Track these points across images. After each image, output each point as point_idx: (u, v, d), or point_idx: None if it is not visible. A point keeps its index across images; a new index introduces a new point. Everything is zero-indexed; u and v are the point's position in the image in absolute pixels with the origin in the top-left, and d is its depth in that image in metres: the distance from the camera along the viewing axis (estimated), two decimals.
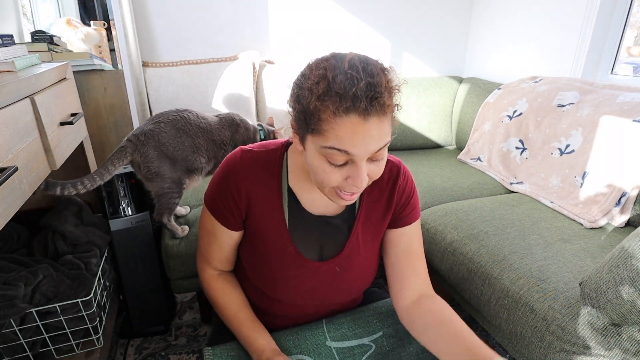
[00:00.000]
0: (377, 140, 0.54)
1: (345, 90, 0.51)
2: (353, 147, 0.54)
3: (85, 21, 1.90)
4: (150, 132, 1.06)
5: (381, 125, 0.54)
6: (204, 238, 0.77)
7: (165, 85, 1.68)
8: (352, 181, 0.57)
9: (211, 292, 0.78)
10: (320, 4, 1.92)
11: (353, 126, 0.52)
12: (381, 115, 0.53)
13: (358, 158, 0.55)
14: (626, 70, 1.65)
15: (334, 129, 0.53)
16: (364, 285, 0.79)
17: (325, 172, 0.58)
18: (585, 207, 1.24)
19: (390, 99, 0.54)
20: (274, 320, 0.79)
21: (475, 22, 2.15)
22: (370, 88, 0.51)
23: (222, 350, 0.76)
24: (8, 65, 0.91)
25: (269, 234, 0.71)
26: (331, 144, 0.54)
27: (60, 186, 0.97)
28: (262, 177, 0.70)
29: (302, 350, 0.75)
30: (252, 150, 0.71)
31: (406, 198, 0.74)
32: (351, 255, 0.74)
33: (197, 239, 0.82)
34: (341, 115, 0.52)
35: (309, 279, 0.73)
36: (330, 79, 0.52)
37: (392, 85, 0.55)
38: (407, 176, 0.75)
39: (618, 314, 0.73)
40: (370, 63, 0.55)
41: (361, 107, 0.51)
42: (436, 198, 1.44)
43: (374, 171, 0.59)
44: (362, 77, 0.52)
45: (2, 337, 0.88)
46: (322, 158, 0.57)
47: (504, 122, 1.65)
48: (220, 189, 0.70)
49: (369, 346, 0.77)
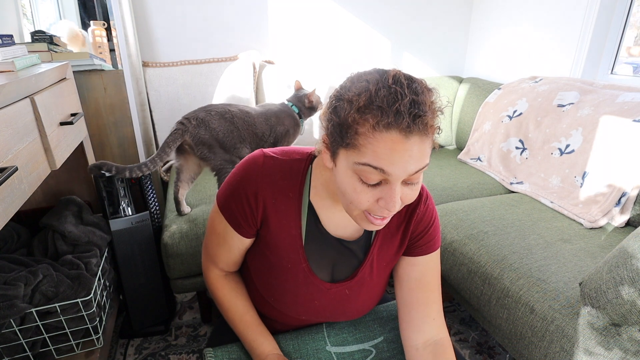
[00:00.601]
0: (417, 161, 0.50)
1: (388, 104, 0.48)
2: (391, 165, 0.50)
3: (85, 21, 1.90)
4: (201, 118, 1.16)
5: (422, 147, 0.50)
6: (213, 239, 0.73)
7: (165, 85, 1.68)
8: (385, 204, 0.53)
9: (217, 293, 0.76)
10: (321, 4, 1.91)
11: (393, 143, 0.49)
12: (423, 135, 0.50)
13: (394, 178, 0.51)
14: (626, 70, 1.65)
15: (372, 144, 0.49)
16: (370, 307, 0.78)
17: (356, 191, 0.54)
18: (585, 207, 1.24)
19: (433, 119, 0.51)
20: (273, 324, 0.79)
21: (475, 22, 2.15)
22: (414, 105, 0.49)
23: (223, 352, 0.75)
24: (8, 65, 0.91)
25: (283, 247, 0.68)
26: (367, 160, 0.50)
27: (128, 170, 1.09)
28: (283, 187, 0.65)
29: (302, 354, 0.75)
30: (274, 157, 0.66)
31: (424, 227, 0.70)
32: (362, 281, 0.72)
33: (203, 237, 0.80)
34: (381, 130, 0.49)
35: (317, 298, 0.71)
36: (372, 92, 0.50)
37: (435, 106, 0.52)
38: (428, 204, 0.70)
39: (618, 314, 0.73)
40: (416, 81, 0.52)
41: (403, 124, 0.48)
42: (436, 198, 1.44)
43: (408, 195, 0.55)
44: (406, 94, 0.49)
45: (2, 337, 0.88)
46: (355, 176, 0.53)
47: (504, 122, 1.65)
48: (236, 193, 0.66)
49: (369, 351, 0.77)
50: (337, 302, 0.72)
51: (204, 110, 1.19)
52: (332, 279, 0.71)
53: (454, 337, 1.37)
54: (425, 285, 0.71)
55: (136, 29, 1.66)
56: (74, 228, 1.11)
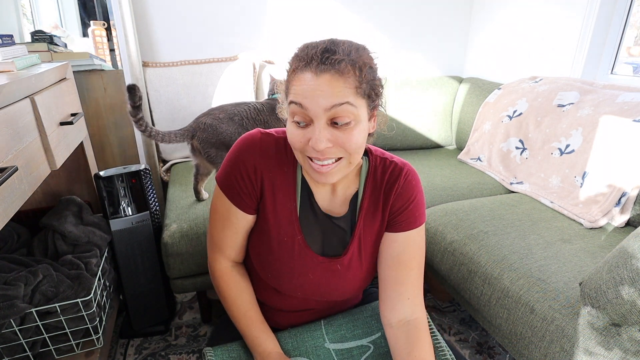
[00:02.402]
0: (329, 96, 0.56)
1: (305, 53, 0.58)
2: (305, 99, 0.57)
3: (85, 21, 1.90)
4: (208, 124, 1.23)
5: (334, 84, 0.56)
6: (218, 224, 0.74)
7: (165, 85, 1.68)
8: (312, 142, 0.59)
9: (223, 286, 0.76)
10: (321, 3, 1.91)
11: (306, 80, 0.57)
12: (335, 74, 0.56)
13: (312, 114, 0.57)
14: (626, 70, 1.65)
15: (294, 85, 0.59)
16: (362, 285, 0.79)
17: (292, 133, 0.62)
18: (585, 207, 1.24)
19: (352, 64, 0.57)
20: (273, 313, 0.79)
21: (475, 22, 2.15)
22: (327, 49, 0.57)
23: (223, 351, 0.76)
24: (8, 65, 0.91)
25: (279, 220, 0.71)
26: (291, 98, 0.59)
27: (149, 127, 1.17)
28: (279, 162, 0.70)
29: (301, 352, 0.76)
30: (270, 133, 0.71)
31: (404, 202, 0.71)
32: (352, 257, 0.73)
33: (204, 236, 0.80)
34: (299, 72, 0.58)
35: (311, 271, 0.73)
36: (299, 49, 0.61)
37: (359, 55, 0.58)
38: (408, 179, 0.72)
39: (618, 314, 0.73)
40: (347, 42, 0.60)
41: (314, 64, 0.56)
42: (436, 198, 1.44)
43: (340, 138, 0.59)
44: (321, 43, 0.58)
45: (2, 337, 0.88)
46: (292, 122, 0.61)
47: (504, 122, 1.65)
48: (236, 168, 0.69)
49: (367, 347, 0.77)
50: (330, 276, 0.73)
51: (212, 115, 1.25)
52: (323, 253, 0.74)
53: (454, 337, 1.37)
54: (403, 263, 0.72)
55: (136, 29, 1.66)
56: (74, 228, 1.11)
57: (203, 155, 1.24)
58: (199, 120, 1.24)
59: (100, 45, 1.80)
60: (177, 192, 1.41)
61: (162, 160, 1.79)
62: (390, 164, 0.73)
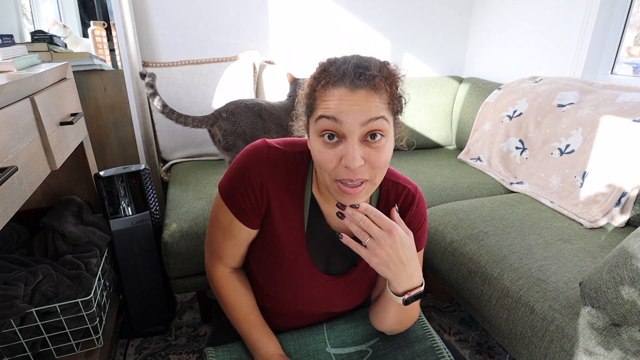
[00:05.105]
0: (366, 111, 0.55)
1: (336, 68, 0.57)
2: (339, 113, 0.55)
3: (85, 21, 1.90)
4: (231, 111, 1.29)
5: (370, 99, 0.55)
6: (218, 234, 0.72)
7: (165, 85, 1.68)
8: (345, 160, 0.55)
9: (222, 292, 0.76)
10: (321, 4, 1.91)
11: (341, 95, 0.55)
12: (370, 89, 0.55)
13: (347, 129, 0.55)
14: (626, 70, 1.65)
15: (325, 100, 0.56)
16: (365, 296, 0.79)
17: (320, 152, 0.58)
18: (585, 207, 1.24)
19: (385, 80, 0.56)
20: (272, 317, 0.79)
21: (475, 22, 2.15)
22: (359, 66, 0.56)
23: (224, 351, 0.76)
24: (8, 65, 0.91)
25: (285, 238, 0.69)
26: (321, 112, 0.56)
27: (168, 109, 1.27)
28: (286, 178, 0.67)
29: (302, 355, 0.76)
30: (278, 147, 0.68)
31: (413, 228, 0.72)
32: (357, 276, 0.74)
33: (204, 236, 0.80)
34: (330, 88, 0.56)
35: (315, 289, 0.72)
36: (326, 64, 0.59)
37: (389, 71, 0.58)
38: (420, 205, 0.73)
39: (618, 314, 0.73)
40: (373, 58, 0.59)
41: (348, 79, 0.55)
42: (436, 198, 1.44)
43: (372, 156, 0.57)
44: (352, 58, 0.58)
45: (2, 337, 0.88)
46: (319, 139, 0.58)
47: (504, 122, 1.65)
48: (241, 183, 0.66)
49: (366, 351, 0.78)
50: (334, 293, 0.73)
51: (234, 104, 1.32)
52: (328, 271, 0.73)
53: (454, 337, 1.37)
54: None
55: (136, 29, 1.66)
56: (74, 228, 1.11)
57: (222, 142, 1.29)
58: (219, 109, 1.31)
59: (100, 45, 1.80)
60: (177, 192, 1.41)
61: (162, 160, 1.79)
62: (403, 190, 0.72)
